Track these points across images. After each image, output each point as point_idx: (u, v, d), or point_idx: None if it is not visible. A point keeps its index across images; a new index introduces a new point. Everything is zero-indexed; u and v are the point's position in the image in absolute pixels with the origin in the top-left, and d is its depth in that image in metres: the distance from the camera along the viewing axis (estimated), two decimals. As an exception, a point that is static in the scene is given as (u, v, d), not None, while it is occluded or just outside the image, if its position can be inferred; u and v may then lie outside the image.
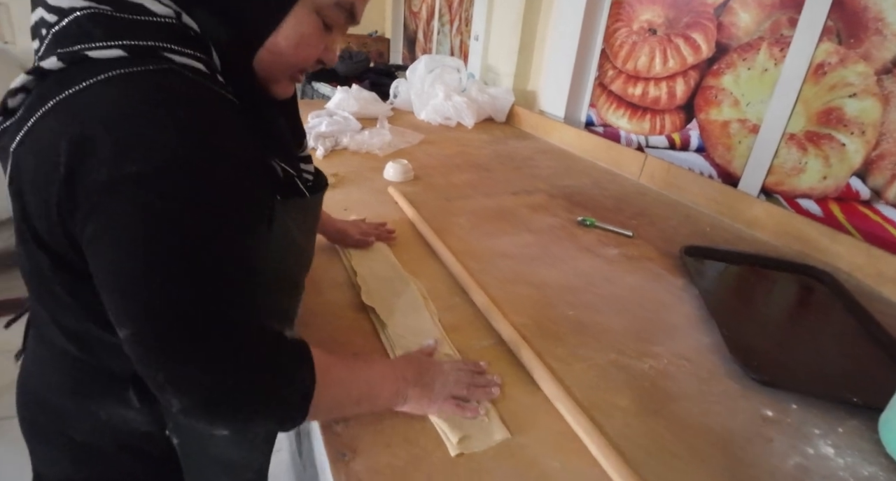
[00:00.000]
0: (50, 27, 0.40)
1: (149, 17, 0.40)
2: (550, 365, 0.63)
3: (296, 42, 0.46)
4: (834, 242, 0.98)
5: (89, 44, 0.38)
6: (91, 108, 0.37)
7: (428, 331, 0.66)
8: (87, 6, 0.39)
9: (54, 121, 0.38)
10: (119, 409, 0.51)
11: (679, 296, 0.82)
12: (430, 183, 1.22)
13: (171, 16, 0.41)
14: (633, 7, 1.53)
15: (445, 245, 0.88)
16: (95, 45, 0.38)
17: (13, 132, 0.40)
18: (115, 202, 0.36)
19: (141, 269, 0.37)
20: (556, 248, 0.94)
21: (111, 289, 0.39)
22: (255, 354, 0.41)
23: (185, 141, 0.37)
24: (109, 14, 0.39)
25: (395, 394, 0.52)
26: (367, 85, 2.17)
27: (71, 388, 0.52)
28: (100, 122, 0.36)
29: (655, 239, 1.02)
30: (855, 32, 1.02)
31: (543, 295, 0.78)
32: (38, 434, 0.57)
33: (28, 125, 0.39)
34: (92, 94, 0.37)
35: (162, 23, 0.40)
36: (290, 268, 0.58)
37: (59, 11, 0.39)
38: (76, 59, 0.38)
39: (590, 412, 0.56)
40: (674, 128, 1.43)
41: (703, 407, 0.60)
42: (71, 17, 0.39)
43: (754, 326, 0.77)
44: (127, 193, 0.36)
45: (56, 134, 0.37)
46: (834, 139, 1.07)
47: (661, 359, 0.67)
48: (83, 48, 0.38)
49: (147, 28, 0.40)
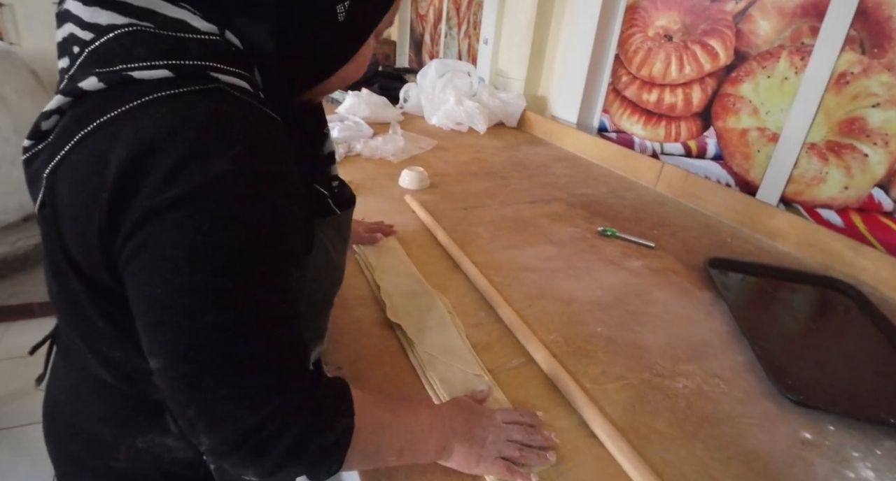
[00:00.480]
0: (84, 45, 0.37)
1: (192, 35, 0.38)
2: (584, 386, 0.62)
3: (361, 65, 0.47)
4: (859, 255, 0.97)
5: (133, 64, 0.36)
6: (139, 132, 0.35)
7: (457, 349, 0.65)
8: (127, 23, 0.37)
9: (97, 144, 0.36)
10: (157, 437, 0.50)
11: (708, 312, 0.81)
12: (447, 191, 1.21)
13: (215, 32, 0.39)
14: (648, 13, 1.52)
15: (468, 258, 0.87)
16: (139, 64, 0.36)
17: (47, 156, 0.38)
18: (158, 224, 0.34)
19: (176, 296, 0.35)
20: (579, 261, 0.93)
21: (144, 317, 0.37)
22: (294, 394, 0.38)
23: (237, 165, 0.35)
24: (152, 32, 0.37)
25: (441, 448, 0.47)
26: (376, 89, 2.15)
27: (106, 416, 0.50)
28: (149, 144, 0.34)
29: (678, 250, 1.01)
30: (879, 42, 1.01)
31: (572, 311, 0.77)
32: (71, 463, 0.54)
33: (66, 149, 0.37)
34: (138, 117, 0.35)
35: (206, 40, 0.38)
36: (326, 288, 0.57)
37: (95, 28, 0.37)
38: (119, 81, 0.36)
39: (627, 435, 0.55)
40: (690, 135, 1.42)
41: (741, 429, 0.59)
42: (110, 34, 0.37)
43: (785, 343, 0.76)
44: (170, 216, 0.34)
45: (99, 158, 0.35)
46: (856, 149, 1.06)
47: (694, 377, 0.66)
48: (126, 68, 0.36)
49: (191, 46, 0.37)
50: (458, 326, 0.70)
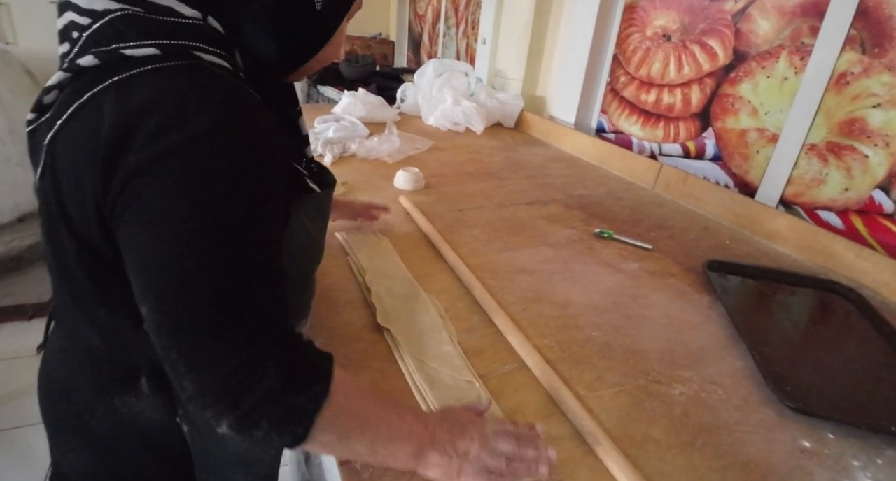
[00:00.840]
0: (83, 29, 0.41)
1: (177, 19, 0.42)
2: (578, 393, 0.60)
3: (337, 45, 0.53)
4: (859, 257, 0.95)
5: (124, 43, 0.40)
6: (127, 98, 0.38)
7: (448, 354, 0.64)
8: (120, 8, 0.41)
9: (91, 113, 0.39)
10: (133, 399, 0.53)
11: (706, 315, 0.79)
12: (442, 192, 1.20)
13: (199, 17, 0.43)
14: (646, 12, 1.51)
15: (463, 260, 0.85)
16: (130, 44, 0.40)
17: (46, 127, 0.42)
18: (144, 179, 0.38)
19: (161, 242, 0.38)
20: (576, 263, 0.91)
21: (134, 265, 0.39)
22: (272, 344, 0.39)
23: (215, 125, 0.39)
24: (141, 15, 0.41)
25: (416, 455, 0.45)
26: (373, 89, 2.14)
27: (90, 379, 0.53)
28: (135, 109, 0.38)
29: (676, 252, 1.00)
30: (880, 42, 0.99)
31: (568, 314, 0.76)
32: (60, 424, 0.58)
33: (63, 119, 0.40)
34: (127, 86, 0.39)
35: (190, 24, 0.42)
36: (305, 265, 0.59)
37: (92, 14, 0.41)
38: (112, 57, 0.40)
39: (623, 444, 0.54)
40: (688, 136, 1.41)
41: (738, 437, 0.57)
42: (105, 19, 0.41)
43: (784, 348, 0.75)
44: (154, 172, 0.37)
45: (93, 123, 0.39)
46: (856, 150, 1.04)
47: (691, 384, 0.65)
48: (119, 47, 0.40)
49: (177, 29, 0.41)
50: (450, 331, 0.69)
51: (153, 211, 0.38)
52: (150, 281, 0.38)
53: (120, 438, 0.56)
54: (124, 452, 0.57)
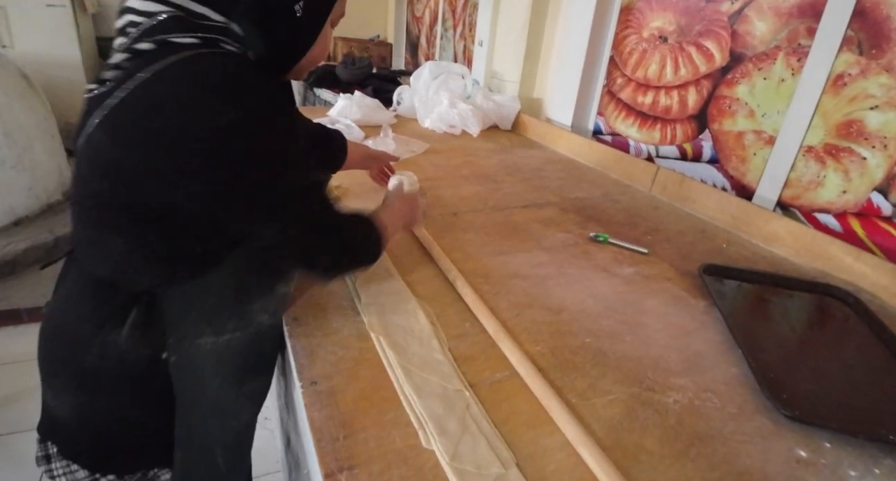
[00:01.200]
0: (138, 26, 0.52)
1: (209, 22, 0.54)
2: (570, 401, 0.59)
3: (323, 48, 0.62)
4: (857, 261, 0.94)
5: (172, 34, 0.51)
6: (187, 77, 0.49)
7: (437, 363, 0.63)
8: (168, 11, 0.52)
9: (155, 86, 0.49)
10: (123, 332, 0.58)
11: (701, 321, 0.78)
12: (437, 195, 1.19)
13: (224, 22, 0.55)
14: (643, 14, 1.50)
15: (455, 266, 0.84)
16: (177, 35, 0.51)
17: (105, 96, 0.51)
18: (223, 141, 0.49)
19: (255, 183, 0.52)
20: (570, 268, 0.90)
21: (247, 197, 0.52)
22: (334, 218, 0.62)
23: (256, 100, 0.51)
24: (183, 17, 0.53)
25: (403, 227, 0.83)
26: (369, 91, 2.13)
27: (88, 314, 0.59)
28: (199, 86, 0.49)
29: (672, 256, 0.99)
30: (877, 43, 0.98)
31: (561, 320, 0.75)
32: (53, 364, 0.63)
33: (129, 89, 0.49)
34: (182, 65, 0.50)
35: (217, 26, 0.54)
36: None
37: (147, 15, 0.52)
38: (163, 43, 0.51)
39: (614, 454, 0.53)
40: (685, 138, 1.40)
41: (733, 447, 0.56)
42: (159, 18, 0.52)
43: (781, 354, 0.73)
44: (232, 135, 0.49)
45: (159, 94, 0.49)
46: (854, 152, 1.03)
47: (686, 391, 0.63)
48: (169, 36, 0.51)
49: (209, 28, 0.53)
50: (440, 338, 0.68)
51: (233, 162, 0.50)
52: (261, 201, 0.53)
53: (107, 376, 0.61)
54: (109, 391, 0.62)
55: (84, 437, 0.65)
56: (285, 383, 0.81)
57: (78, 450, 0.65)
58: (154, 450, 0.68)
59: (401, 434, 0.53)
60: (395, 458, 0.50)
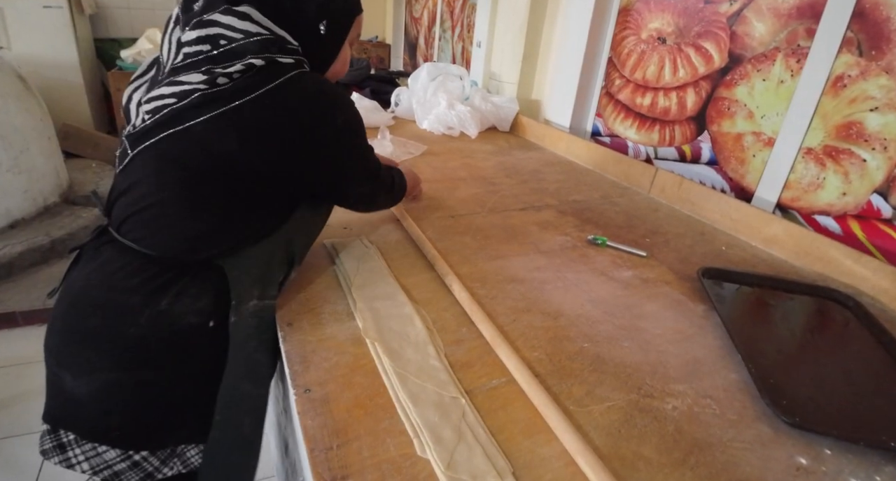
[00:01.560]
0: (233, 40, 0.62)
1: (291, 45, 0.67)
2: (567, 409, 0.58)
3: (343, 64, 0.77)
4: (858, 264, 0.93)
5: (275, 54, 0.63)
6: (307, 90, 0.64)
7: (433, 369, 0.62)
8: (264, 33, 0.64)
9: (280, 94, 0.62)
10: (174, 298, 0.64)
11: (700, 325, 0.78)
12: (434, 197, 1.18)
13: (297, 46, 0.68)
14: (641, 15, 1.49)
15: (452, 269, 0.83)
16: (279, 55, 0.64)
17: (223, 97, 0.61)
18: (340, 136, 0.69)
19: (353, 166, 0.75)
20: (568, 272, 0.89)
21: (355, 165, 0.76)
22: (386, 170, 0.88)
23: (351, 105, 0.71)
24: (274, 40, 0.65)
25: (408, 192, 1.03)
26: (367, 93, 2.13)
27: (136, 286, 0.64)
28: (313, 99, 0.65)
29: (671, 259, 0.98)
30: (877, 44, 0.98)
31: (559, 325, 0.74)
32: (82, 339, 0.65)
33: (255, 94, 0.61)
34: (300, 82, 0.64)
35: (295, 47, 0.67)
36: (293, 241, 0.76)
37: (245, 33, 0.63)
38: (271, 61, 0.63)
39: (612, 463, 0.52)
40: (684, 139, 1.39)
41: (732, 455, 0.55)
42: (254, 38, 0.63)
43: (780, 359, 0.73)
44: (344, 132, 0.69)
45: (282, 104, 0.62)
46: (854, 154, 1.02)
47: (684, 398, 0.63)
48: (273, 55, 0.63)
49: (294, 50, 0.67)
50: (436, 344, 0.67)
51: (352, 138, 0.72)
52: (362, 167, 0.78)
53: (153, 346, 0.64)
54: (153, 362, 0.65)
55: (115, 415, 0.65)
56: (283, 388, 0.80)
57: (107, 430, 0.66)
58: (188, 424, 0.69)
59: (395, 442, 0.52)
60: (390, 468, 0.49)
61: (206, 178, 0.63)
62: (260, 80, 0.61)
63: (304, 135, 0.64)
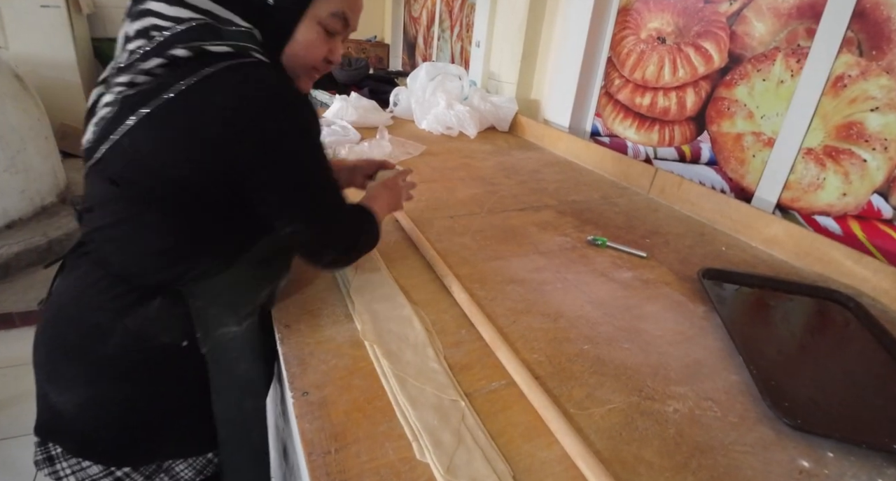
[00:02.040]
0: (165, 30, 0.53)
1: (237, 28, 0.56)
2: (568, 411, 0.58)
3: (305, 46, 0.61)
4: (858, 264, 0.93)
5: (206, 42, 0.53)
6: (239, 85, 0.53)
7: (433, 372, 0.61)
8: (199, 18, 0.54)
9: (201, 92, 0.52)
10: (147, 320, 0.60)
11: (701, 327, 0.77)
12: (433, 198, 1.17)
13: (249, 27, 0.57)
14: (640, 15, 1.49)
15: (452, 271, 0.83)
16: (212, 42, 0.53)
17: (142, 101, 0.53)
18: (278, 147, 0.55)
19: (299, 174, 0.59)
20: (568, 272, 0.89)
21: (277, 203, 0.59)
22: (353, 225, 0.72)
23: (300, 101, 0.57)
24: (214, 24, 0.54)
25: (388, 212, 0.87)
26: (366, 92, 2.12)
27: (107, 303, 0.60)
28: (246, 98, 0.53)
29: (671, 260, 0.98)
30: (877, 44, 0.97)
31: (558, 327, 0.73)
32: (67, 354, 0.62)
33: (175, 93, 0.52)
34: (226, 75, 0.52)
35: (244, 31, 0.56)
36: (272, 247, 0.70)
37: (177, 20, 0.53)
38: (199, 51, 0.53)
39: (613, 467, 0.52)
40: (684, 139, 1.38)
41: (734, 458, 0.55)
42: (187, 24, 0.53)
43: (782, 360, 0.72)
44: (284, 141, 0.55)
45: (213, 100, 0.52)
46: (854, 154, 1.02)
47: (686, 400, 0.62)
48: (203, 44, 0.53)
49: (237, 34, 0.55)
50: (436, 346, 0.66)
51: (285, 157, 0.56)
52: (293, 200, 0.59)
53: (129, 363, 0.61)
54: (130, 378, 0.61)
55: (97, 431, 0.63)
56: (281, 391, 0.79)
57: (90, 445, 0.64)
58: (171, 439, 0.67)
59: (394, 446, 0.51)
60: (388, 472, 0.48)
61: (151, 197, 0.56)
62: (180, 75, 0.52)
63: (231, 141, 0.53)
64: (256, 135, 0.53)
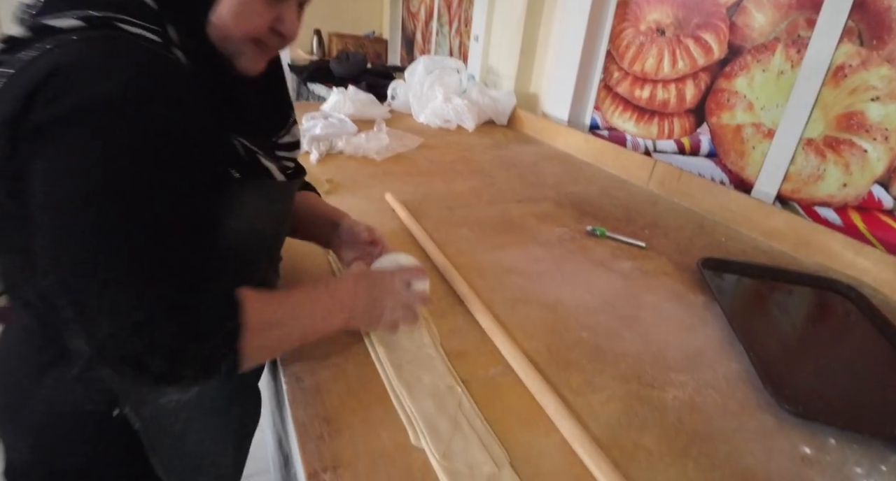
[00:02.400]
0: (31, 9, 0.43)
1: (123, 3, 0.42)
2: (565, 398, 0.57)
3: (235, 12, 0.46)
4: (859, 255, 0.92)
5: (46, 13, 0.41)
6: (41, 66, 0.39)
7: (429, 358, 0.61)
8: None
9: (16, 82, 0.39)
10: (66, 385, 0.51)
11: (701, 316, 0.76)
12: (431, 190, 1.16)
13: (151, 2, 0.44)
14: (640, 7, 1.48)
15: (449, 260, 0.82)
16: (52, 14, 0.41)
17: None
18: (49, 137, 0.38)
19: (52, 204, 0.39)
20: (567, 263, 0.88)
21: (36, 226, 0.40)
22: (159, 309, 0.39)
23: (121, 90, 0.39)
24: None
25: (344, 325, 0.55)
26: (363, 86, 2.11)
27: (30, 362, 0.52)
28: (45, 72, 0.38)
29: (670, 251, 0.97)
30: (878, 34, 0.96)
31: (557, 316, 0.72)
32: (5, 411, 0.56)
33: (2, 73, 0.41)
34: (46, 56, 0.39)
35: (137, 7, 0.43)
36: (245, 252, 0.56)
37: None
38: (37, 28, 0.41)
39: (612, 453, 0.51)
40: (683, 132, 1.38)
41: (735, 445, 0.54)
42: None
43: (782, 349, 0.72)
44: (59, 130, 0.38)
45: (12, 87, 0.39)
46: (855, 145, 1.01)
47: (686, 388, 0.61)
48: (40, 17, 0.41)
49: (101, 2, 0.42)
50: (432, 333, 0.65)
51: (51, 168, 0.38)
52: (43, 241, 0.39)
53: (62, 424, 0.54)
54: (68, 438, 0.54)
55: None
56: (275, 380, 0.78)
57: None
58: None
59: (389, 432, 0.51)
60: (383, 458, 0.48)
61: None
62: (6, 59, 0.41)
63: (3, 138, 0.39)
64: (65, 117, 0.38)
